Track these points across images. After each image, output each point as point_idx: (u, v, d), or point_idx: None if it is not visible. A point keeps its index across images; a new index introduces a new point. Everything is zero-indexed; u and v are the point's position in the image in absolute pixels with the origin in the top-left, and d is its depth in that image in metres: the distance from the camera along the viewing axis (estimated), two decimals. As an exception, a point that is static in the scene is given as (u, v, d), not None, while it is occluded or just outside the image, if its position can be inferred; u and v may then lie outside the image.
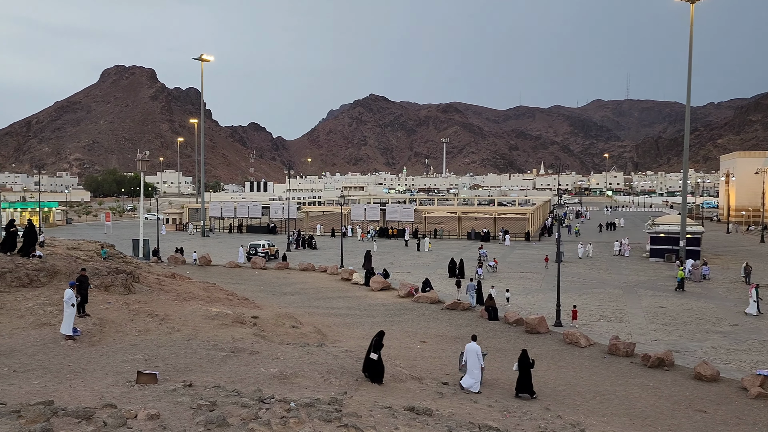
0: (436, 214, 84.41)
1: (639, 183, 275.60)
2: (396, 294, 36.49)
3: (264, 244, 54.23)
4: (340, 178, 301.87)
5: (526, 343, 25.46)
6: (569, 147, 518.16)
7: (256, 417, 9.62)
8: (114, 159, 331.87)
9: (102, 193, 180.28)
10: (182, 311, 21.92)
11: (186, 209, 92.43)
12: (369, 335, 25.82)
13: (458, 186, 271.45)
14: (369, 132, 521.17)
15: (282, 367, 15.48)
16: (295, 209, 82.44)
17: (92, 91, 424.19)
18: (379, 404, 12.40)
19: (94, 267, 23.79)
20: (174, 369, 14.90)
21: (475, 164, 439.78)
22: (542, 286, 39.80)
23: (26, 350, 15.99)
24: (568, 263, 49.71)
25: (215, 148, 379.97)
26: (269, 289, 37.84)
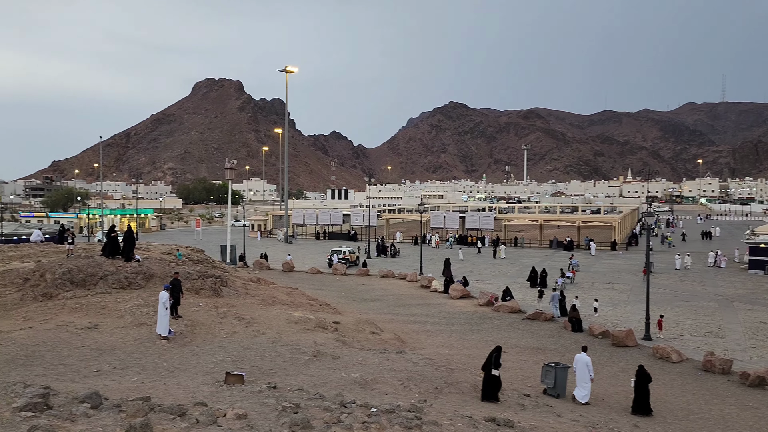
0: (517, 222, 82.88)
1: (736, 190, 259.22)
2: (475, 302, 36.11)
3: (345, 251, 55.12)
4: (419, 186, 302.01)
5: (613, 356, 24.55)
6: (659, 152, 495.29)
7: (338, 421, 9.81)
8: (204, 168, 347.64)
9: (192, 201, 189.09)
10: (267, 315, 22.66)
11: (270, 216, 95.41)
12: (449, 343, 25.74)
13: (540, 193, 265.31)
14: (448, 139, 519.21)
15: (362, 373, 15.69)
16: (375, 217, 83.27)
17: (185, 103, 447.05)
18: (460, 414, 12.33)
19: (185, 271, 25.02)
20: (259, 371, 15.43)
21: (557, 171, 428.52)
22: (630, 298, 38.21)
23: (125, 348, 17.04)
24: (659, 274, 47.46)
25: (298, 157, 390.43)
26: (350, 295, 38.38)
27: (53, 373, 14.28)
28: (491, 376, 16.06)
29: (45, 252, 29.44)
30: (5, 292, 21.83)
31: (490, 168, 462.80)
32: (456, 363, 19.87)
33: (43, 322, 19.17)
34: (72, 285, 22.11)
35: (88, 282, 22.46)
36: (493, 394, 15.88)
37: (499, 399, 15.86)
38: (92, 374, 14.38)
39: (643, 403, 17.31)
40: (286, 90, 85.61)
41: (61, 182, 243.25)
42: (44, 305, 20.83)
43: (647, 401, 17.36)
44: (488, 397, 15.79)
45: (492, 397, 15.83)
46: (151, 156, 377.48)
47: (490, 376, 16.08)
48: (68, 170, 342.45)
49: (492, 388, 15.96)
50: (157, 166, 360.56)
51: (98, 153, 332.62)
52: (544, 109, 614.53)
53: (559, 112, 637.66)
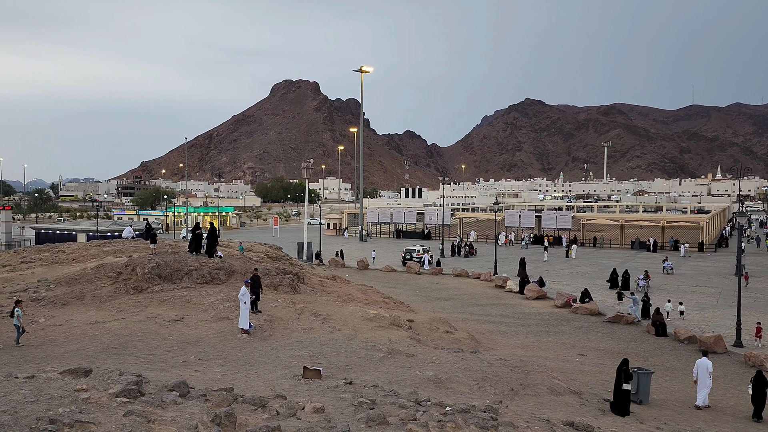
0: (596, 221, 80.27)
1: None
2: (552, 304, 35.30)
3: (419, 250, 55.19)
4: (493, 185, 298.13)
5: (700, 363, 23.35)
6: (752, 149, 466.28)
7: (414, 418, 9.87)
8: (281, 167, 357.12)
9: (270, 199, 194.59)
10: (342, 312, 23.05)
11: (345, 215, 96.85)
12: (524, 344, 25.31)
13: (620, 192, 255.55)
14: (524, 137, 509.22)
15: (437, 371, 15.69)
16: (449, 215, 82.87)
17: (263, 104, 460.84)
18: (536, 417, 12.11)
19: (264, 267, 25.84)
20: (336, 366, 15.73)
21: (639, 169, 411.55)
22: (719, 302, 36.24)
23: (209, 341, 17.81)
24: (753, 277, 44.72)
25: (372, 156, 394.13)
26: (423, 294, 38.42)
27: (144, 362, 15.12)
28: (622, 390, 16.01)
29: (135, 248, 31.15)
30: (101, 284, 23.28)
31: (567, 166, 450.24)
32: (532, 365, 19.50)
33: (134, 313, 20.32)
34: (160, 279, 23.31)
35: (175, 277, 23.60)
36: (625, 409, 15.77)
37: (629, 413, 15.74)
38: (179, 364, 15.12)
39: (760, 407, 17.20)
40: (361, 90, 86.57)
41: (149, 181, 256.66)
42: (135, 298, 22.08)
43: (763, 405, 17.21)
44: (619, 411, 15.70)
45: (622, 411, 15.70)
46: (232, 156, 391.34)
47: (620, 390, 16.04)
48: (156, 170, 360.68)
49: (623, 402, 15.90)
50: (237, 166, 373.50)
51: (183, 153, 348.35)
52: (626, 104, 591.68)
53: (641, 107, 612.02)
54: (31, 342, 17.17)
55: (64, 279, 24.03)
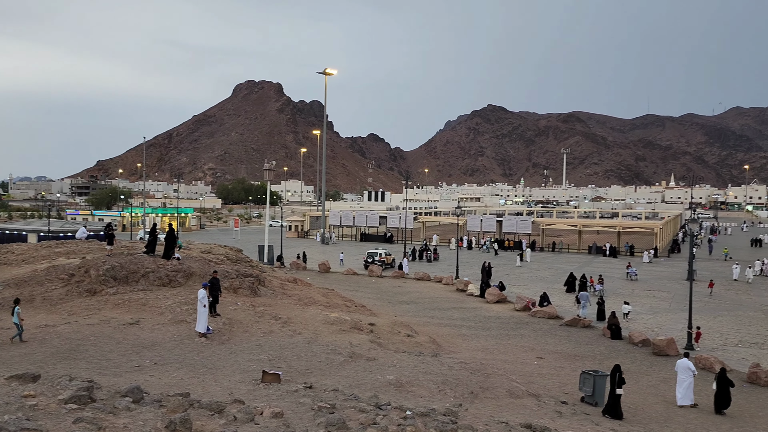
0: (555, 226, 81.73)
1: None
2: (512, 307, 35.74)
3: (381, 253, 55.21)
4: (456, 189, 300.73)
5: (653, 365, 23.97)
6: (703, 158, 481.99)
7: (373, 422, 9.82)
8: (243, 168, 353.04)
9: (232, 201, 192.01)
10: (303, 315, 22.85)
11: (307, 217, 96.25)
12: (485, 348, 25.52)
13: (579, 198, 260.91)
14: (486, 143, 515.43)
15: (398, 375, 15.68)
16: (412, 219, 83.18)
17: (225, 105, 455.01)
18: (495, 419, 12.21)
19: (224, 270, 25.43)
20: (296, 370, 15.56)
21: (597, 176, 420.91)
22: (671, 306, 37.27)
23: (165, 345, 17.40)
24: (703, 282, 46.13)
25: (336, 159, 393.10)
26: (385, 297, 38.41)
27: (96, 367, 14.68)
28: (616, 395, 16.88)
29: (90, 249, 30.31)
30: (51, 287, 22.54)
31: (528, 172, 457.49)
32: (492, 368, 19.68)
33: (87, 317, 19.73)
34: (115, 281, 22.70)
35: (130, 279, 23.03)
36: (618, 412, 16.70)
37: (623, 417, 16.65)
38: (133, 369, 14.73)
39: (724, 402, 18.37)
40: (325, 92, 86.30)
41: (106, 181, 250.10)
42: (88, 300, 21.44)
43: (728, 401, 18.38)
44: (613, 415, 16.67)
45: (615, 414, 16.67)
46: (192, 156, 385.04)
47: (614, 395, 16.90)
48: (113, 169, 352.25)
49: (616, 405, 16.81)
50: (197, 167, 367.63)
51: (141, 153, 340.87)
52: (585, 112, 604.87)
53: (599, 116, 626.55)
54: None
55: (12, 281, 23.19)
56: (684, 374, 18.91)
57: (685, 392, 18.85)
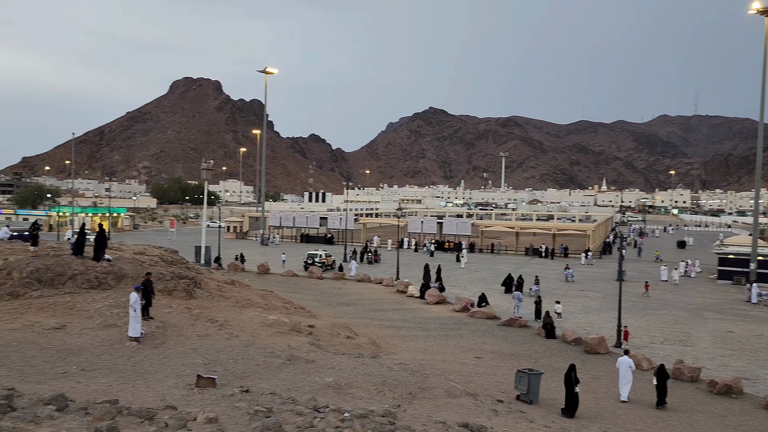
0: (494, 228, 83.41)
1: (707, 201, 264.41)
2: (451, 308, 36.20)
3: (321, 254, 54.88)
4: (397, 191, 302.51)
5: (585, 363, 24.75)
6: (633, 163, 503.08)
7: (311, 425, 9.71)
8: (180, 168, 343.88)
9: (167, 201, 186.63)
10: (241, 318, 22.41)
11: (247, 218, 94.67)
12: (424, 348, 25.73)
13: (517, 201, 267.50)
14: (427, 145, 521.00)
15: (337, 377, 15.58)
16: (353, 220, 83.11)
17: (161, 102, 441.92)
18: (433, 419, 12.30)
19: (158, 272, 24.63)
20: (232, 374, 15.23)
21: (534, 179, 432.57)
22: (602, 306, 38.66)
23: (94, 350, 16.69)
24: (631, 282, 48.08)
25: (276, 159, 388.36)
26: (325, 299, 38.20)
27: (18, 374, 13.91)
28: (575, 394, 17.60)
29: (12, 250, 28.77)
30: (-30, 290, 21.24)
31: (468, 174, 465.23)
32: (430, 368, 19.85)
33: (9, 321, 18.69)
34: (40, 284, 21.61)
35: (57, 281, 21.97)
36: (575, 410, 17.50)
37: (574, 416, 17.36)
38: (58, 376, 14.04)
39: (662, 395, 19.44)
40: (266, 91, 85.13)
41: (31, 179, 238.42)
42: (10, 304, 20.32)
43: (665, 395, 19.47)
44: (570, 414, 17.41)
45: (572, 413, 17.44)
46: (126, 154, 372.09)
47: (573, 394, 17.61)
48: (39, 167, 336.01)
49: (575, 404, 17.58)
50: (131, 165, 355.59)
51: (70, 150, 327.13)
52: (522, 117, 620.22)
53: (536, 120, 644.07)
54: None
55: (-74, 284, 21.70)
56: (625, 371, 19.79)
57: (627, 388, 19.76)
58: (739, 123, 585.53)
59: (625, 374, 19.84)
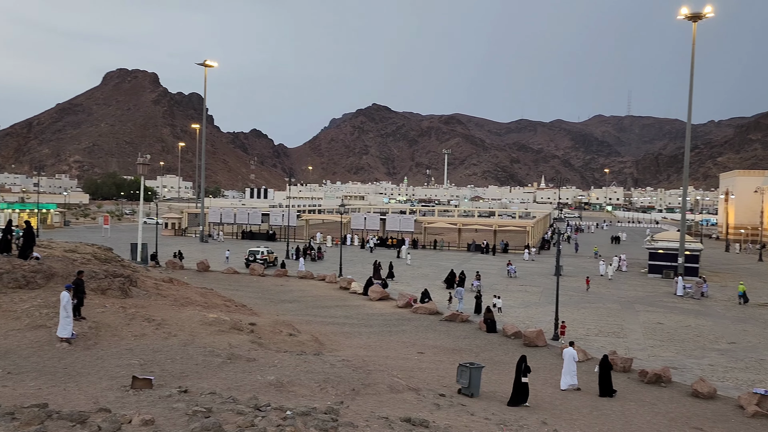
0: (437, 225, 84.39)
1: (638, 199, 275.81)
2: (394, 304, 36.39)
3: (263, 251, 54.14)
4: (340, 187, 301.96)
5: (524, 356, 25.35)
6: (570, 161, 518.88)
7: (252, 425, 9.54)
8: (114, 162, 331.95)
9: (101, 196, 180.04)
10: (179, 316, 21.83)
11: (185, 214, 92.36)
12: (367, 345, 25.78)
13: (459, 197, 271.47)
14: (371, 141, 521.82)
15: (279, 375, 15.40)
16: (295, 217, 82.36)
17: (94, 93, 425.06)
18: (376, 415, 12.32)
19: (91, 270, 23.69)
20: (170, 374, 14.82)
21: (476, 176, 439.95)
22: (541, 300, 39.72)
23: (21, 352, 15.89)
24: (569, 277, 49.61)
25: (216, 154, 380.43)
26: (267, 297, 37.73)
27: (-63, 379, 13.11)
28: (521, 384, 18.14)
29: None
30: None
31: (411, 171, 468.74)
32: (374, 364, 19.90)
33: (-73, 324, 17.59)
34: (-38, 284, 20.40)
35: (-19, 281, 20.79)
36: (524, 399, 18.09)
37: (528, 404, 18.02)
38: (-18, 380, 13.30)
39: (607, 386, 20.26)
40: (205, 84, 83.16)
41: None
42: (-71, 306, 19.11)
43: (610, 385, 20.33)
44: (517, 403, 17.96)
45: (521, 402, 18.02)
46: (56, 148, 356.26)
47: (521, 384, 18.14)
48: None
49: (522, 394, 18.12)
50: (62, 159, 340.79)
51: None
52: (464, 115, 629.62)
53: (478, 119, 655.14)
54: None
55: None
56: (570, 362, 20.65)
57: (570, 378, 20.66)
58: (669, 123, 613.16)
59: (568, 364, 20.67)
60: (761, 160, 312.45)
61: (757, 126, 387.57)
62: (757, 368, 24.61)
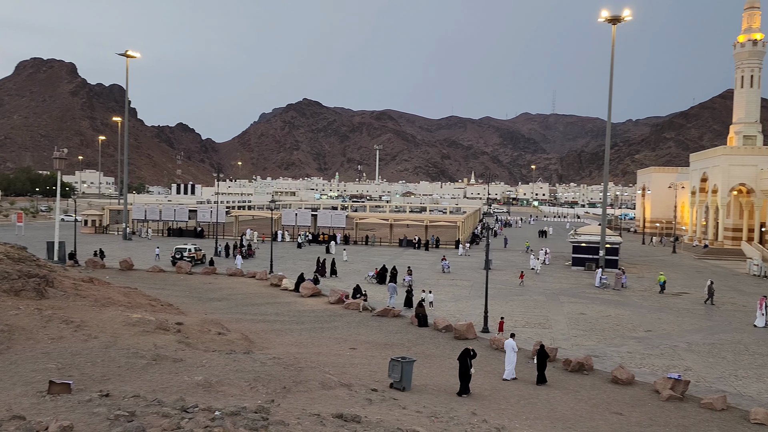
0: (368, 220, 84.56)
1: (563, 194, 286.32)
2: (326, 300, 36.22)
3: (190, 249, 52.65)
4: (271, 183, 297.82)
5: (455, 349, 25.77)
6: (499, 158, 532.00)
7: (178, 427, 9.25)
8: (28, 156, 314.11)
9: (14, 192, 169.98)
10: (100, 317, 20.91)
11: (107, 211, 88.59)
12: (299, 342, 25.54)
13: (390, 193, 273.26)
14: (302, 137, 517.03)
15: (207, 375, 15.00)
16: (224, 213, 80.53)
17: (5, 84, 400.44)
18: (308, 412, 12.21)
19: (3, 270, 22.34)
20: (90, 378, 14.16)
21: (407, 172, 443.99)
22: (471, 293, 40.52)
23: (-77, 359, 14.79)
24: (498, 271, 50.85)
25: (140, 148, 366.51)
26: (195, 295, 36.75)
27: None
28: (468, 374, 19.07)
29: None
30: None
31: (343, 167, 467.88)
32: (305, 361, 19.73)
33: None
34: None
35: None
36: (467, 389, 19.08)
37: (470, 392, 19.08)
38: None
39: (542, 376, 21.19)
40: (127, 76, 79.85)
41: None
42: None
43: (543, 375, 21.24)
44: (466, 392, 18.97)
45: (466, 391, 19.01)
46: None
47: (466, 375, 19.05)
48: None
49: (466, 383, 19.10)
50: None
51: None
52: (396, 111, 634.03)
53: (409, 115, 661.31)
54: None
55: None
56: (510, 353, 21.56)
57: (511, 368, 21.50)
58: (591, 122, 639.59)
59: (509, 355, 21.57)
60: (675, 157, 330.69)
61: (671, 125, 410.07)
62: (671, 354, 26.05)
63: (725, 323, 33.09)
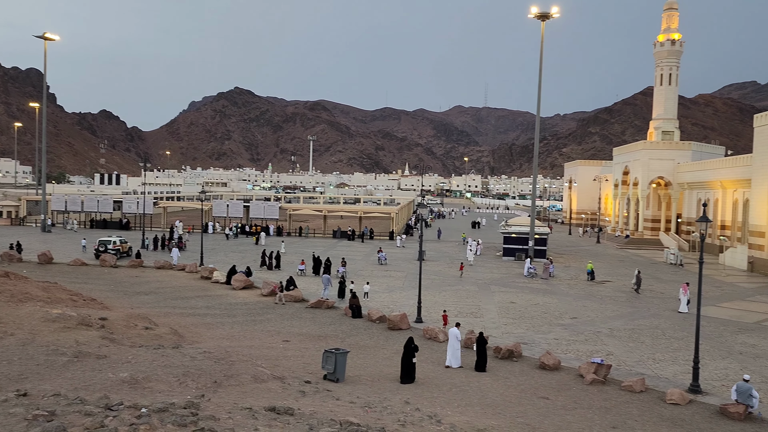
0: (302, 212, 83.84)
1: (495, 186, 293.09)
2: (259, 293, 35.71)
3: (115, 241, 50.63)
4: (201, 173, 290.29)
5: (389, 339, 26.00)
6: (432, 150, 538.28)
7: (101, 425, 8.87)
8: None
9: None
10: (17, 314, 19.82)
11: (24, 202, 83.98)
12: (230, 335, 25.06)
13: (324, 184, 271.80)
14: (233, 126, 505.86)
15: (133, 372, 14.49)
16: (152, 204, 77.86)
17: None
18: (239, 406, 11.99)
19: None
20: (6, 377, 13.42)
21: (341, 163, 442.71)
22: (404, 284, 40.89)
23: None
24: (431, 261, 51.53)
25: (60, 136, 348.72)
26: (120, 289, 35.41)
27: None
28: (411, 363, 19.36)
29: None
30: None
31: (276, 157, 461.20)
32: (237, 355, 19.39)
33: None
34: None
35: None
36: (412, 377, 19.41)
37: (415, 380, 19.45)
38: None
39: (482, 363, 21.75)
40: (45, 59, 75.61)
41: None
42: None
43: (485, 363, 21.78)
44: (408, 380, 19.27)
45: (411, 379, 19.34)
46: None
47: (411, 365, 19.38)
48: None
49: (412, 373, 19.43)
50: None
51: None
52: (330, 102, 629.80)
53: (344, 105, 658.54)
54: None
55: None
56: (453, 341, 22.17)
57: (454, 356, 22.08)
58: (521, 116, 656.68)
59: (452, 343, 22.13)
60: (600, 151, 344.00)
61: (596, 120, 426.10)
62: (595, 340, 27.19)
63: (644, 309, 34.82)
